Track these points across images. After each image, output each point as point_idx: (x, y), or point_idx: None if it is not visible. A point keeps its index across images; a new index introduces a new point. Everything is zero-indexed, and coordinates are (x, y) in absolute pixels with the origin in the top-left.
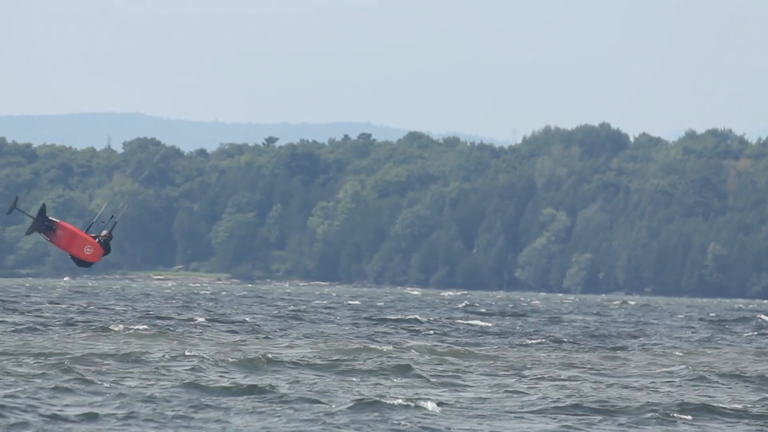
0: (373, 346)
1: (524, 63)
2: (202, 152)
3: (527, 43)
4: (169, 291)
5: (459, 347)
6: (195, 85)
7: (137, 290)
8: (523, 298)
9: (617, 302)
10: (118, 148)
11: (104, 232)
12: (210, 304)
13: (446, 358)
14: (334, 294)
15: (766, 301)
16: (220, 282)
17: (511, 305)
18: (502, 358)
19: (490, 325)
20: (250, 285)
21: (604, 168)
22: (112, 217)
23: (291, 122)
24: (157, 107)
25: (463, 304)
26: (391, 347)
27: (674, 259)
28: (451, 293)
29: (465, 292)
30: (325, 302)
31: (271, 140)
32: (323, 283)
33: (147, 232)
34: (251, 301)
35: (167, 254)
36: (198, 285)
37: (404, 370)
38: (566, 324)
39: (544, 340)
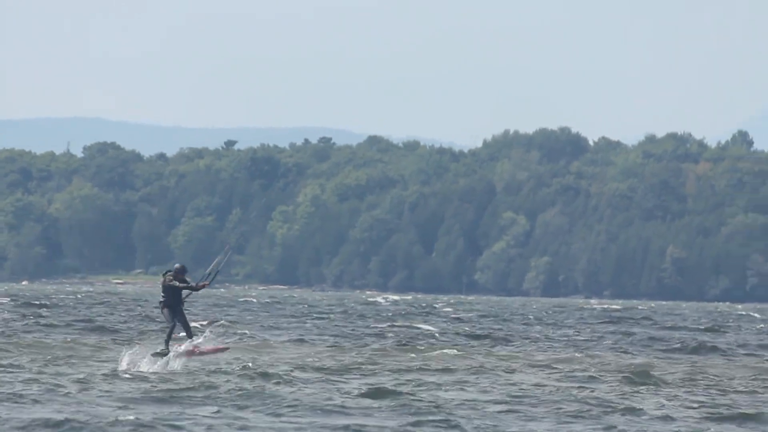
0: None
1: (484, 67)
2: (161, 156)
3: (486, 47)
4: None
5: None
6: (156, 90)
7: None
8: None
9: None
10: (78, 153)
11: (203, 282)
12: (265, 313)
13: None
14: (325, 299)
15: (724, 304)
16: None
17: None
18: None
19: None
20: (221, 290)
21: (563, 172)
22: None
23: (251, 126)
24: (119, 112)
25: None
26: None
27: (633, 263)
28: (445, 300)
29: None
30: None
31: (230, 144)
32: (283, 287)
33: (106, 237)
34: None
35: (127, 258)
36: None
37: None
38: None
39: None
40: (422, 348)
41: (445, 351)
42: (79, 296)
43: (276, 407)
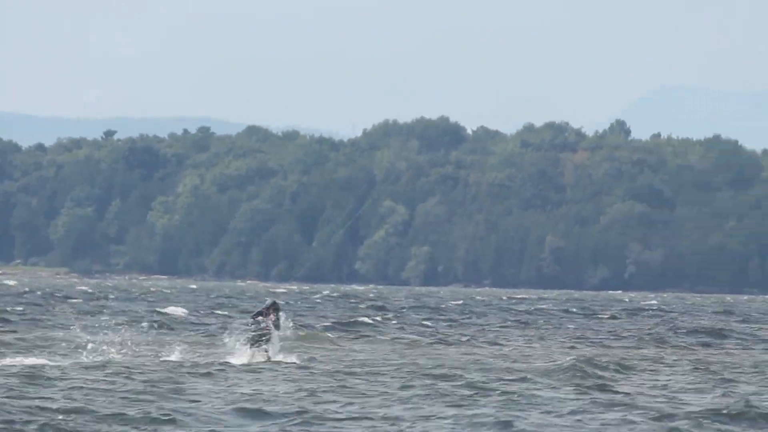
0: None
1: (362, 55)
2: (40, 147)
3: (363, 34)
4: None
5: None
6: (35, 81)
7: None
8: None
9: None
10: None
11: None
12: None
13: None
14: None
15: (602, 293)
16: (59, 276)
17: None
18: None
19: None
20: (95, 278)
21: (442, 161)
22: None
23: (130, 116)
24: None
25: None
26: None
27: (512, 252)
28: (366, 289)
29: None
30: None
31: (109, 134)
32: (163, 276)
33: None
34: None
35: (5, 249)
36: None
37: None
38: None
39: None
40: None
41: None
42: None
43: None
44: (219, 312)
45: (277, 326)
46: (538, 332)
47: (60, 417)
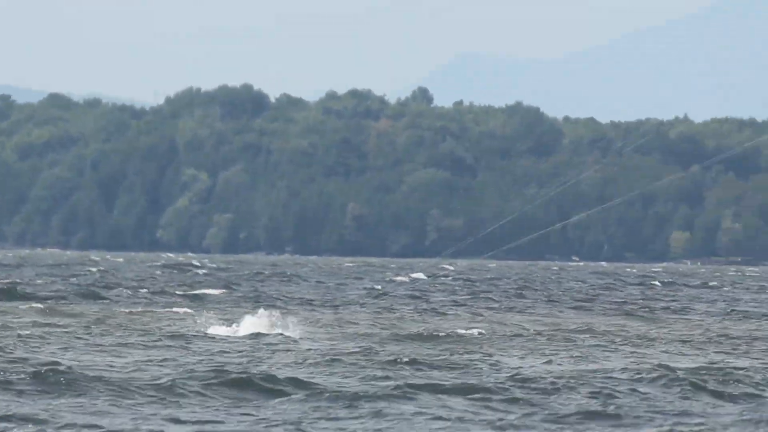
0: None
1: (165, 23)
2: None
3: (167, 1)
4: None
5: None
6: None
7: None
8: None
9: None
10: None
11: None
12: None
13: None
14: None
15: (404, 260)
16: None
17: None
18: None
19: None
20: None
21: (246, 129)
22: None
23: None
24: None
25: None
26: None
27: (314, 219)
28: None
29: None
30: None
31: None
32: None
33: None
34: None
35: None
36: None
37: None
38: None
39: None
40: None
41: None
42: None
43: None
44: None
45: None
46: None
47: None
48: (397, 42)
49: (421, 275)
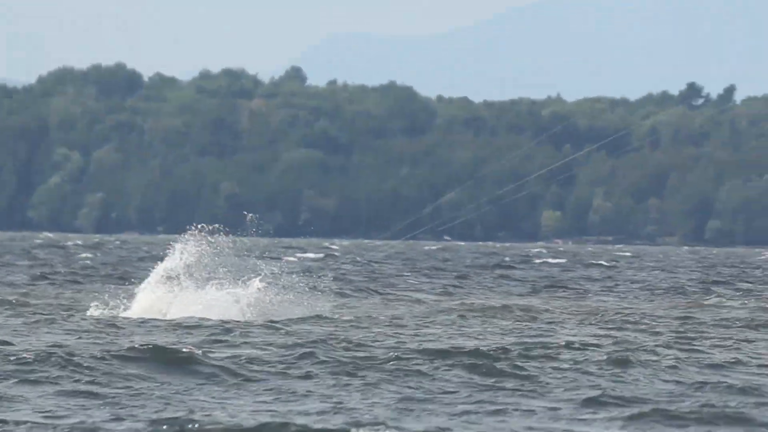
0: None
1: (48, 7)
2: None
3: None
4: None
5: None
6: None
7: None
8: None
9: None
10: None
11: None
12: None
13: None
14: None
15: (275, 240)
16: None
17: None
18: None
19: None
20: None
21: (119, 108)
22: None
23: None
24: None
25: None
26: None
27: (187, 199)
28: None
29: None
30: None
31: None
32: None
33: None
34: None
35: None
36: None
37: None
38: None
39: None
40: None
41: None
42: None
43: None
44: None
45: None
46: None
47: None
48: (270, 21)
49: (311, 255)
